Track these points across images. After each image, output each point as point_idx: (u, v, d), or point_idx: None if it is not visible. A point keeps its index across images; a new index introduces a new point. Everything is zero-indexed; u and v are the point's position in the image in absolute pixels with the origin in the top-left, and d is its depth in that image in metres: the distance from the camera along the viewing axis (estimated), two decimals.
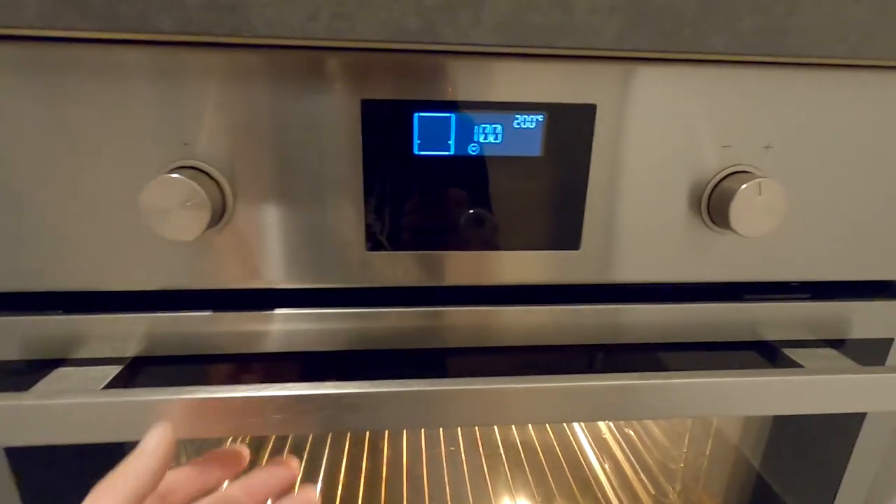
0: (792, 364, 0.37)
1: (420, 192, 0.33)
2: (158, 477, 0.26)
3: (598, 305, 0.37)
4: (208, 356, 0.35)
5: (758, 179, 0.31)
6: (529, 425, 0.80)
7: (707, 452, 0.56)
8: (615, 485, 0.71)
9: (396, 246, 0.33)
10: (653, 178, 0.33)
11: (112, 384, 0.33)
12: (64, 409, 0.29)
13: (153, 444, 0.27)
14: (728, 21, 0.27)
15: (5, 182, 0.30)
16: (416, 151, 0.32)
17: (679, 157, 0.33)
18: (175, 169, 0.30)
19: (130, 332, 0.34)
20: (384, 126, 0.31)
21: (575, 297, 0.37)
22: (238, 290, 0.34)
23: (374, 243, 0.33)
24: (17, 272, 0.32)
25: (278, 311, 0.35)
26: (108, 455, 0.28)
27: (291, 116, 0.30)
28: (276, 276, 0.34)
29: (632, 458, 0.73)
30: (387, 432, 0.77)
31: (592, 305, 0.37)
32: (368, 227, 0.33)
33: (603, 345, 0.38)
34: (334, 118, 0.30)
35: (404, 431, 0.77)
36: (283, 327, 0.35)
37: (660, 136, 0.32)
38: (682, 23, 0.27)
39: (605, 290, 0.37)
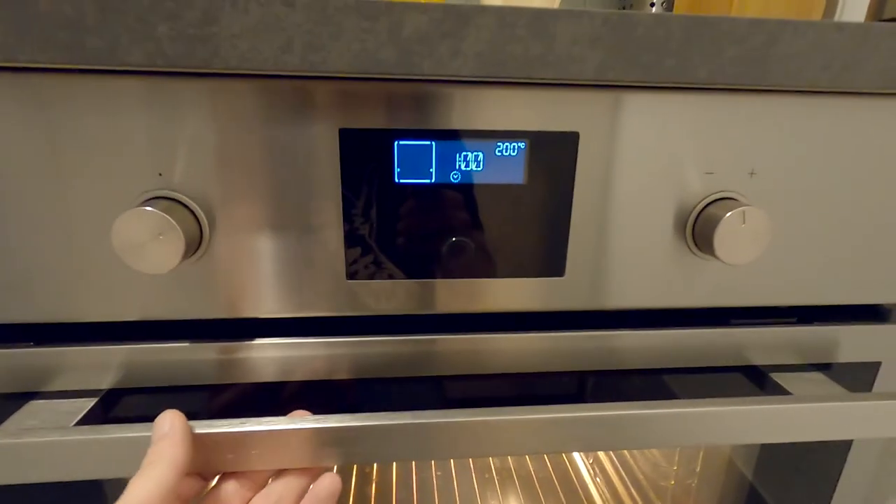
0: (780, 390, 0.37)
1: (401, 220, 0.32)
2: (188, 456, 0.26)
3: (583, 332, 0.36)
4: (186, 387, 0.34)
5: (742, 208, 0.31)
6: None
7: (698, 469, 0.55)
8: (607, 499, 0.70)
9: (377, 275, 0.33)
10: (637, 204, 0.33)
11: (86, 418, 0.32)
12: (34, 447, 0.28)
13: (167, 425, 0.26)
14: (710, 51, 0.27)
15: None
16: (396, 180, 0.31)
17: (663, 184, 0.32)
18: (149, 200, 0.29)
19: (105, 364, 0.33)
20: (363, 155, 0.30)
21: (560, 324, 0.36)
22: (217, 320, 0.34)
23: (354, 272, 0.33)
24: None
25: (258, 340, 0.34)
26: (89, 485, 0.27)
27: (268, 145, 0.29)
28: (255, 307, 0.33)
29: (622, 472, 0.73)
30: None
31: (577, 332, 0.36)
32: (349, 256, 0.32)
33: (590, 371, 0.37)
34: (312, 147, 0.30)
35: None
36: (262, 357, 0.34)
37: (644, 163, 0.32)
38: (664, 53, 0.27)
39: (591, 316, 0.36)
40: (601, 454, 0.77)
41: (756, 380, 0.39)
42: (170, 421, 0.27)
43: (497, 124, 0.30)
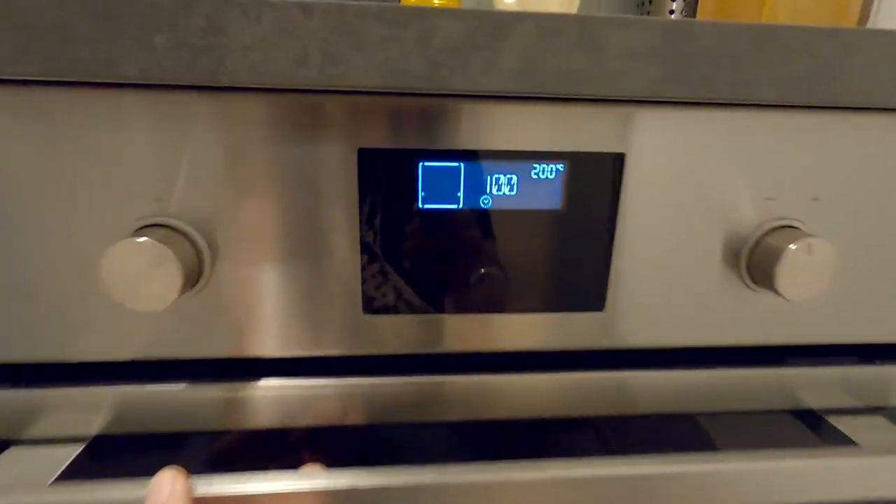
0: (839, 436, 0.33)
1: (425, 249, 0.29)
2: None
3: (619, 372, 0.33)
4: (183, 434, 0.31)
5: (808, 239, 0.27)
6: None
7: None
8: None
9: (398, 309, 0.29)
10: (687, 233, 0.29)
11: (71, 468, 0.29)
12: None
13: (167, 490, 0.23)
14: (779, 65, 0.24)
15: None
16: (420, 205, 0.28)
17: (716, 211, 0.29)
18: (143, 228, 0.26)
19: (94, 406, 0.30)
20: (384, 177, 0.27)
21: (591, 364, 0.33)
22: (219, 360, 0.30)
23: (372, 306, 0.29)
24: None
25: (263, 381, 0.31)
26: None
27: (279, 166, 0.26)
28: (261, 344, 0.30)
29: None
30: None
31: (613, 372, 0.33)
32: (366, 289, 0.29)
33: (631, 416, 0.34)
34: (328, 168, 0.27)
35: None
36: (268, 398, 0.31)
37: (695, 188, 0.29)
38: (726, 67, 0.24)
39: (626, 355, 0.33)
40: None
41: (810, 423, 0.35)
42: (171, 484, 0.23)
43: (533, 144, 0.27)
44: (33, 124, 0.24)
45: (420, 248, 0.29)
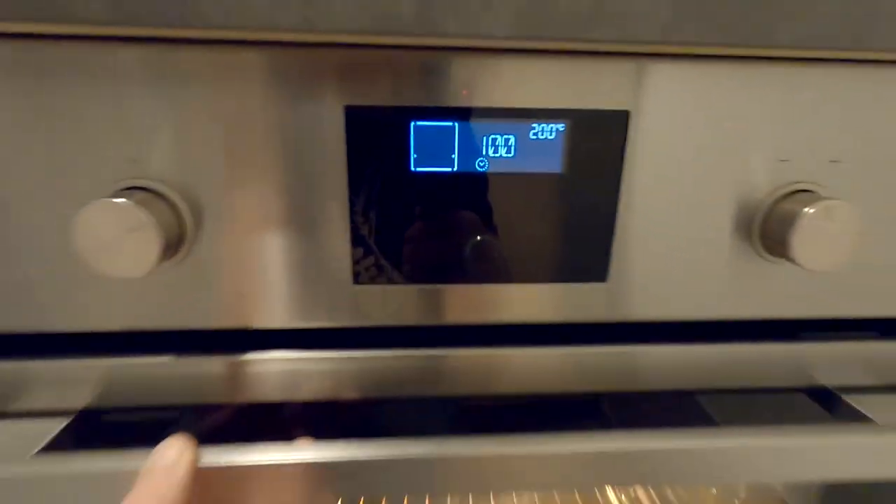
0: (855, 414, 0.32)
1: (417, 215, 0.27)
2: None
3: (626, 346, 0.31)
4: (169, 407, 0.30)
5: (826, 201, 0.26)
6: None
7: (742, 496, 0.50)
8: None
9: (389, 279, 0.28)
10: (696, 198, 0.28)
11: (53, 443, 0.28)
12: None
13: (173, 457, 0.22)
14: (802, 6, 0.22)
15: None
16: (412, 168, 0.26)
17: (728, 174, 0.27)
18: (121, 191, 0.24)
19: (78, 380, 0.29)
20: (374, 137, 0.25)
21: (592, 338, 0.31)
22: (208, 331, 0.29)
23: (362, 276, 0.28)
24: None
25: (250, 354, 0.29)
26: None
27: (262, 127, 0.25)
28: (247, 315, 0.28)
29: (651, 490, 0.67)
30: None
31: (620, 346, 0.31)
32: (356, 257, 0.28)
33: (634, 391, 0.32)
34: (314, 128, 0.25)
35: None
36: (256, 372, 0.30)
37: (705, 149, 0.27)
38: (747, 7, 0.22)
39: (630, 328, 0.31)
40: None
41: (826, 402, 0.34)
42: (178, 452, 0.22)
43: (533, 102, 0.25)
44: (7, 80, 0.23)
45: (411, 214, 0.27)
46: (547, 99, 0.25)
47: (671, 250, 0.29)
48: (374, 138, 0.25)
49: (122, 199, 0.23)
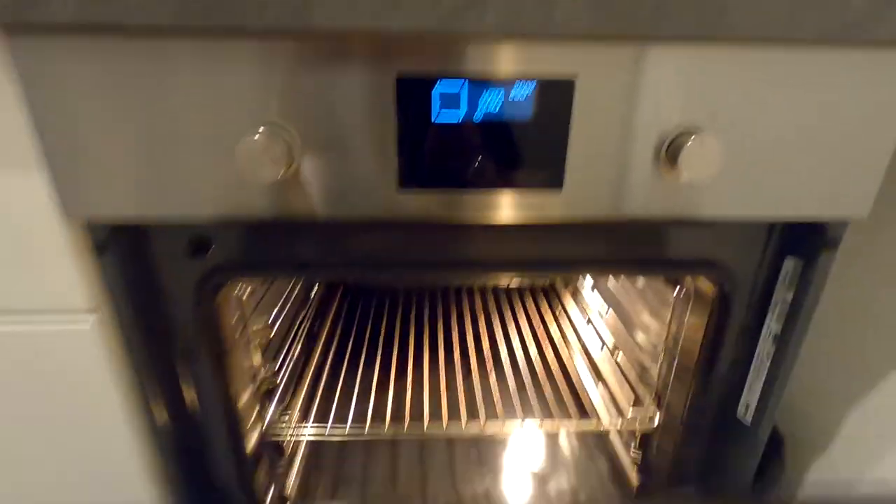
0: None
1: (438, 150, 0.43)
2: None
3: None
4: None
5: (701, 135, 0.40)
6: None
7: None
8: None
9: (422, 185, 0.44)
10: (623, 134, 0.42)
11: None
12: None
13: None
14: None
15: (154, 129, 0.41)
16: (434, 120, 0.41)
17: (647, 123, 0.42)
18: (260, 127, 0.40)
19: None
20: (412, 99, 0.41)
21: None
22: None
23: (404, 184, 0.44)
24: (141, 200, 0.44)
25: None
26: None
27: (341, 90, 0.40)
28: (327, 210, 0.45)
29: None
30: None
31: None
32: (400, 172, 0.43)
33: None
34: (378, 91, 0.40)
35: None
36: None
37: (628, 106, 0.41)
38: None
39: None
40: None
41: None
42: None
43: (512, 73, 0.40)
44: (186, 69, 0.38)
45: (434, 149, 0.43)
46: (522, 70, 0.40)
47: (607, 170, 0.44)
48: (412, 99, 0.41)
49: (263, 134, 0.39)
